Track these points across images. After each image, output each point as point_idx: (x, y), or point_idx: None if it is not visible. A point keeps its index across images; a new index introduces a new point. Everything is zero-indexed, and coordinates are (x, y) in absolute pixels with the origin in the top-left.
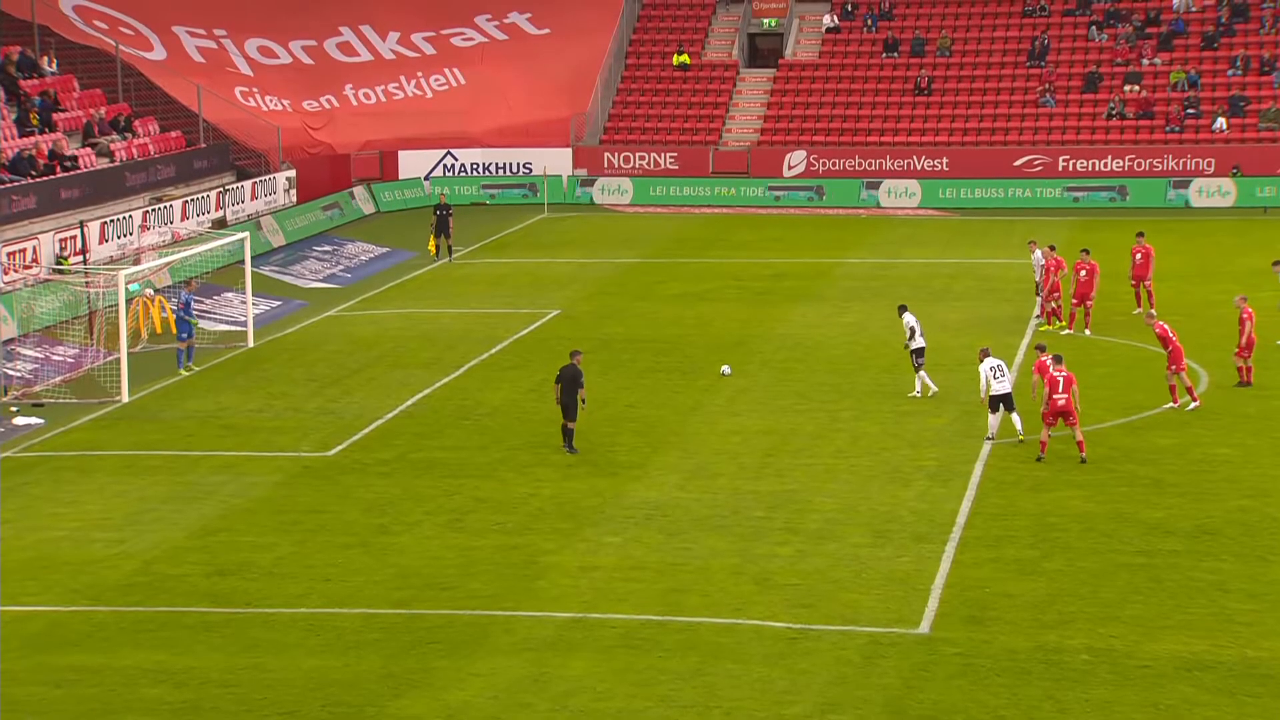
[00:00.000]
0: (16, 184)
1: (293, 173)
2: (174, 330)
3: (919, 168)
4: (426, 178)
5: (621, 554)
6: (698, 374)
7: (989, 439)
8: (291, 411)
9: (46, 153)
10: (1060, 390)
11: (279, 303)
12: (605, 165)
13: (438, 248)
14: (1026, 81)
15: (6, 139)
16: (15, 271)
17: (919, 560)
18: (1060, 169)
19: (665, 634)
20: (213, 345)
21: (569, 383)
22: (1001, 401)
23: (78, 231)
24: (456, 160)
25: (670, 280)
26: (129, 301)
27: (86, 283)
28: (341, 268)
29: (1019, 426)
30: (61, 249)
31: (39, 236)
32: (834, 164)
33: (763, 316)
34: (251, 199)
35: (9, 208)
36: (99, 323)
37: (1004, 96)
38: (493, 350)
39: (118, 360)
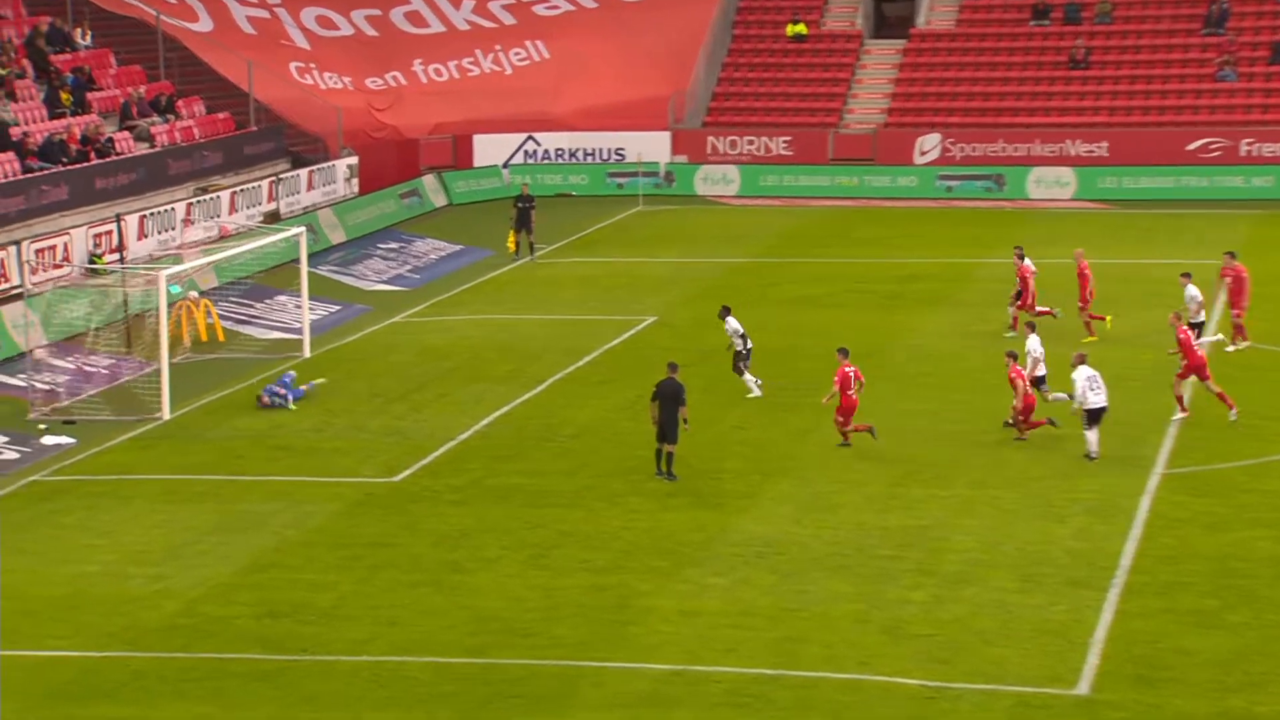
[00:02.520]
0: (46, 172)
1: (354, 160)
2: (221, 337)
3: (1073, 154)
4: (505, 165)
5: (728, 597)
6: (814, 390)
7: (1090, 456)
8: (353, 431)
9: (79, 137)
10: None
11: (338, 307)
12: (708, 151)
13: (518, 244)
14: (1202, 52)
15: (35, 121)
16: (44, 271)
17: (1076, 609)
18: (1242, 154)
19: (779, 690)
20: (264, 355)
21: (667, 400)
22: (1096, 416)
23: (114, 226)
24: (539, 145)
25: (783, 283)
26: (171, 305)
27: (123, 284)
28: (409, 268)
29: (1094, 446)
30: (95, 246)
31: (70, 232)
32: (973, 149)
33: (890, 324)
34: (308, 189)
35: (38, 199)
36: (137, 329)
37: (1175, 70)
38: (580, 362)
39: (157, 372)
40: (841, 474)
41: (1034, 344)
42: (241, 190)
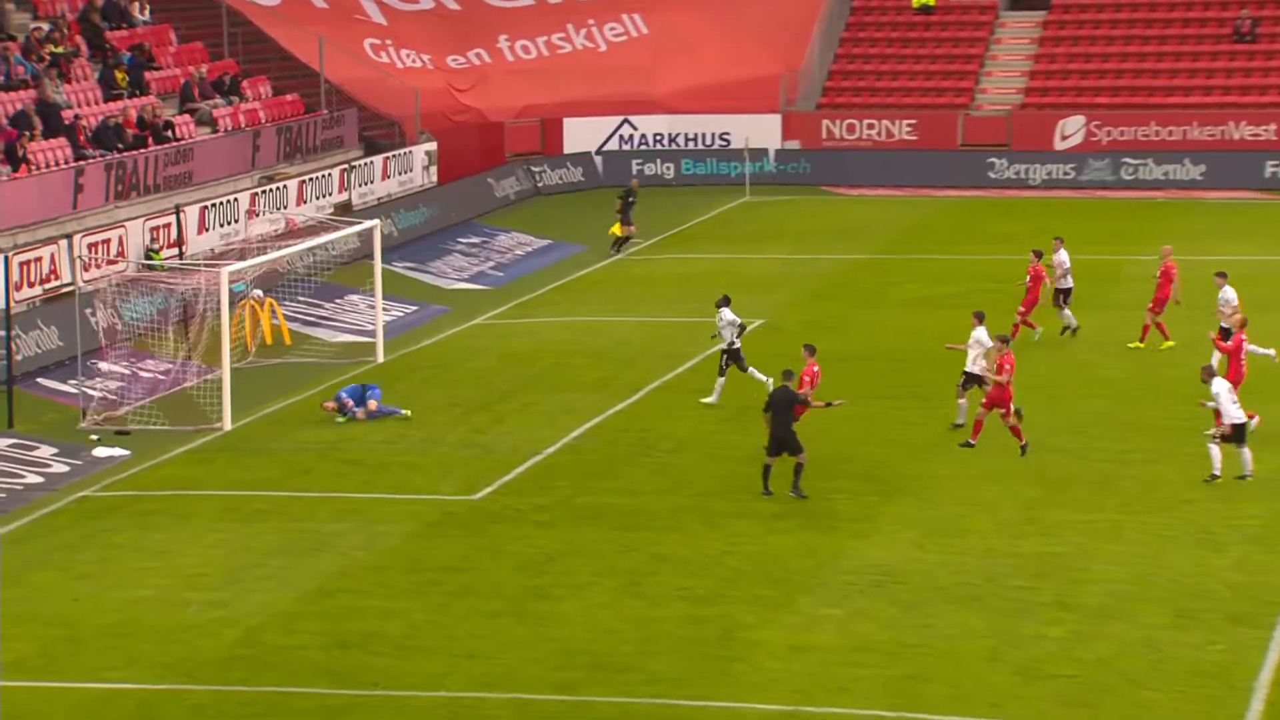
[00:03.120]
0: (99, 159)
1: (433, 145)
2: (287, 340)
3: (1237, 137)
4: (598, 152)
5: (843, 630)
6: (940, 401)
7: (1212, 479)
8: (429, 444)
9: (136, 120)
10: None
11: (414, 308)
12: (823, 135)
13: (619, 237)
14: None
15: (88, 104)
16: (97, 267)
17: (1236, 649)
18: None
19: None
20: (334, 360)
21: (781, 410)
22: (1241, 432)
23: (172, 219)
24: (636, 130)
25: (905, 281)
26: (233, 305)
27: (182, 281)
28: (492, 264)
29: (1250, 464)
30: (153, 240)
31: (125, 225)
32: (1121, 133)
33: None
34: (383, 178)
35: (91, 188)
36: (196, 331)
37: None
38: (679, 369)
39: (218, 378)
40: (970, 494)
41: (982, 334)
42: (310, 179)
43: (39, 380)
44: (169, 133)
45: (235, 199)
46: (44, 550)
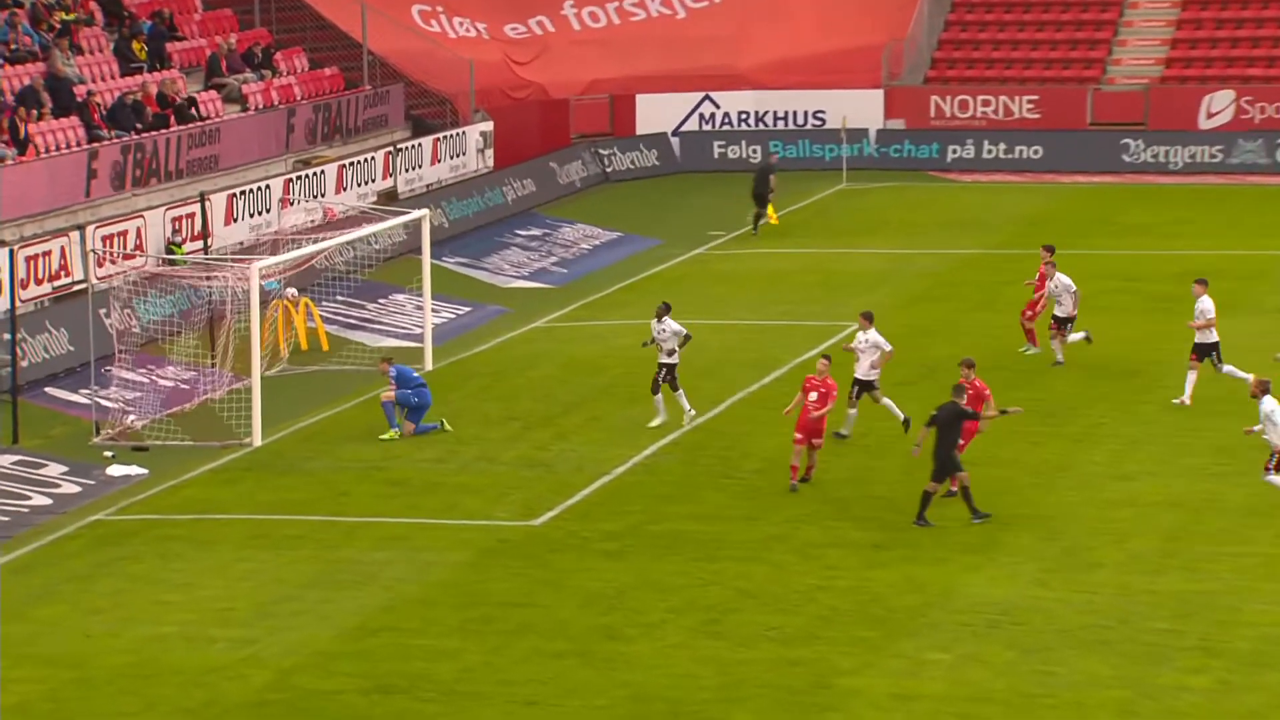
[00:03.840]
0: (115, 141)
1: (489, 125)
2: (324, 344)
3: None
4: (675, 133)
5: (954, 677)
6: (1067, 417)
7: None
8: (483, 462)
9: (156, 97)
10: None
11: (468, 309)
12: (932, 113)
13: (758, 216)
14: None
15: (103, 78)
16: (112, 263)
17: None
18: None
19: None
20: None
21: (947, 428)
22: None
23: (196, 208)
24: (718, 108)
25: (1025, 280)
26: (264, 305)
27: (207, 278)
28: (555, 260)
29: None
30: (174, 232)
31: (144, 214)
32: (1277, 110)
33: (1167, 333)
34: (432, 162)
35: (105, 174)
36: (223, 335)
37: None
38: (766, 379)
39: (247, 388)
40: (1101, 523)
41: (876, 337)
42: (351, 164)
43: (47, 389)
44: (193, 111)
45: (267, 186)
46: (52, 581)
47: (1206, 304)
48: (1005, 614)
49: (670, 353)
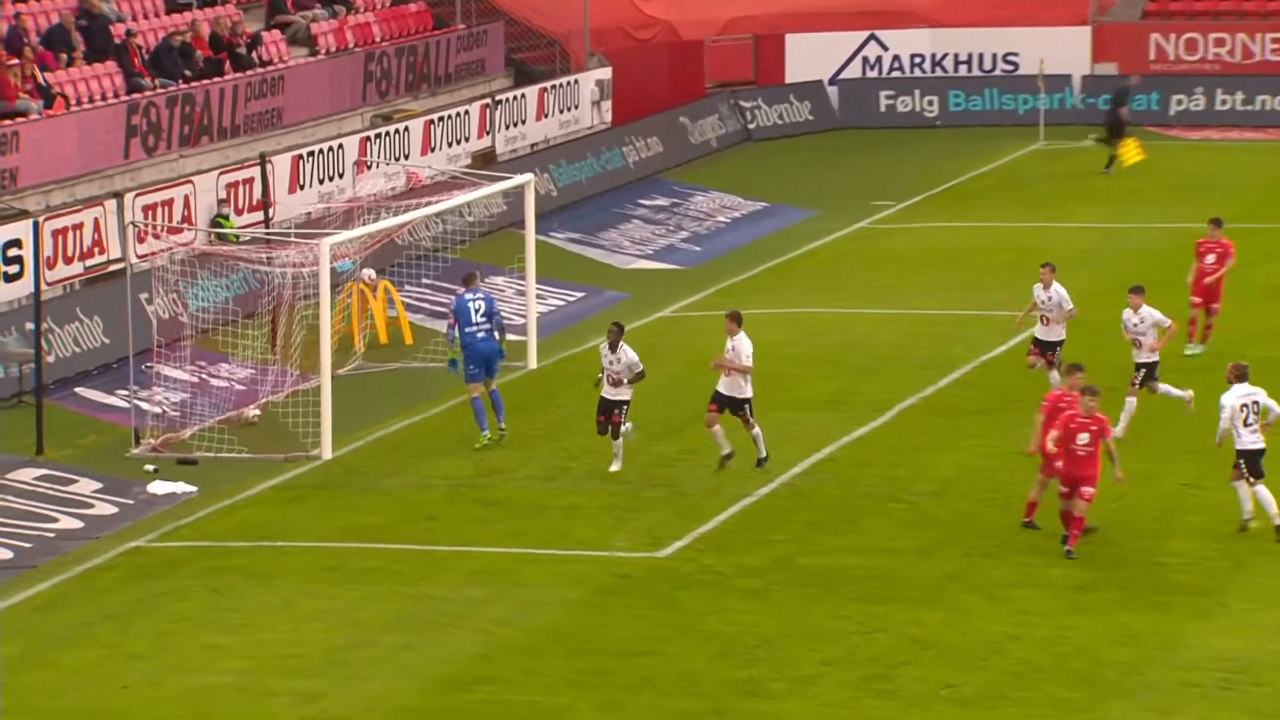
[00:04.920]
0: (160, 92)
1: (607, 73)
2: (407, 338)
3: None
4: (833, 81)
5: None
6: None
7: (1245, 524)
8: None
9: (208, 39)
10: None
11: (579, 294)
12: (1150, 56)
13: (1112, 159)
14: None
15: (146, 16)
16: (155, 238)
17: None
18: None
19: None
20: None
21: None
22: (1246, 461)
23: (254, 172)
24: (885, 50)
25: (1266, 261)
26: (336, 290)
27: (268, 258)
28: (684, 235)
29: (1274, 508)
30: (228, 202)
31: (193, 180)
32: None
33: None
34: (538, 118)
35: (147, 131)
36: (287, 325)
37: None
38: (942, 381)
39: (316, 389)
40: None
41: (742, 343)
42: (441, 119)
43: (77, 390)
44: (252, 56)
45: (340, 146)
46: (82, 620)
47: (1150, 316)
48: (1241, 672)
49: (616, 385)
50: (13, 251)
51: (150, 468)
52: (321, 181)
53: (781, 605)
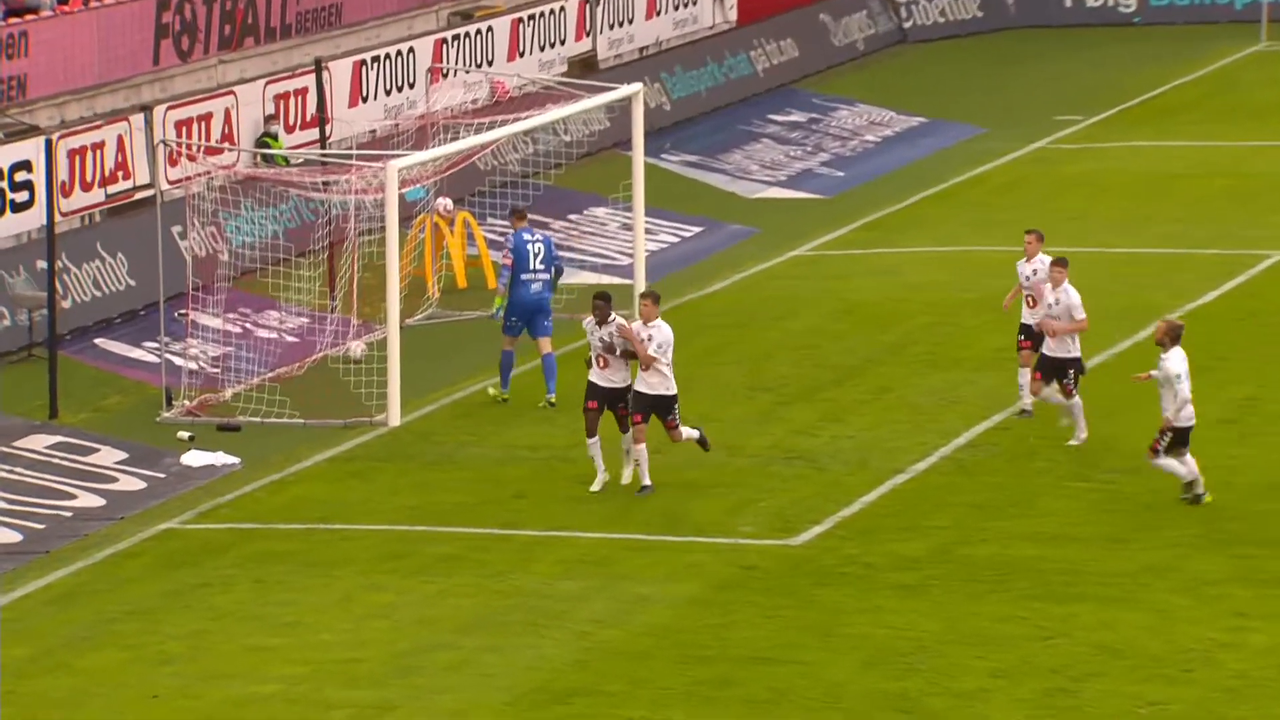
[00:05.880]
0: None
1: None
2: (490, 281)
3: None
4: None
5: None
6: None
7: (1191, 495)
8: (719, 452)
9: None
10: None
11: (697, 228)
12: None
13: None
14: None
15: None
16: (190, 160)
17: None
18: None
19: None
20: (563, 314)
21: None
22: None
23: (308, 81)
24: None
25: None
26: (406, 223)
27: (324, 184)
28: (825, 158)
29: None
30: (275, 116)
31: (235, 91)
32: None
33: None
34: (648, 16)
35: (179, 35)
36: (347, 265)
37: None
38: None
39: (382, 341)
40: None
41: (663, 330)
42: (530, 17)
43: (97, 342)
44: None
45: (410, 50)
46: (104, 616)
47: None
48: None
49: (607, 367)
50: (21, 176)
51: (184, 435)
52: (388, 93)
53: (941, 604)
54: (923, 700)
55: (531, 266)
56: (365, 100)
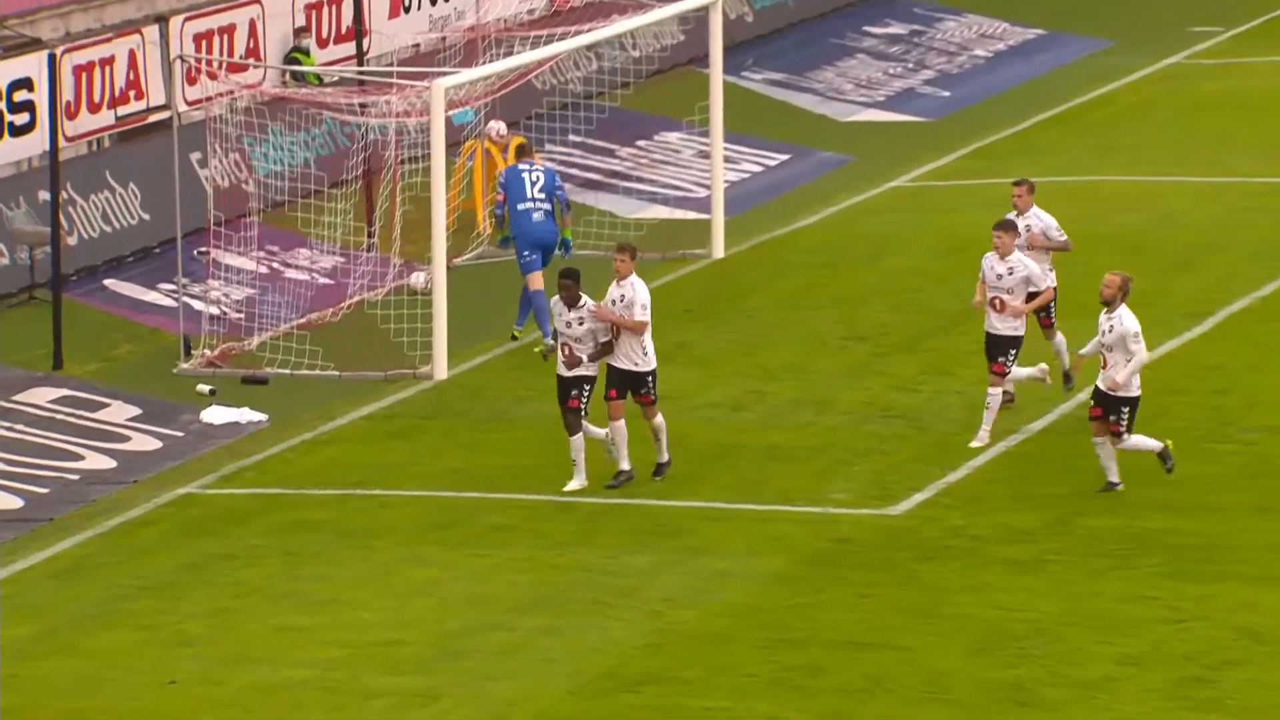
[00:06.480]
0: None
1: None
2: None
3: None
4: None
5: None
6: None
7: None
8: (808, 410)
9: None
10: None
11: (783, 156)
12: None
13: None
14: None
15: None
16: (211, 78)
17: None
18: None
19: None
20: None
21: None
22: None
23: None
24: None
25: None
26: (454, 148)
27: (361, 105)
28: (928, 75)
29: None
30: (306, 28)
31: (261, 0)
32: None
33: None
34: None
35: None
36: (386, 198)
37: None
38: None
39: (426, 285)
40: None
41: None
42: None
43: (107, 283)
44: None
45: None
46: (115, 592)
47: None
48: None
49: (573, 362)
50: (21, 95)
51: (205, 388)
52: (433, 2)
53: (1060, 582)
54: (1038, 690)
55: (529, 195)
56: (407, 10)
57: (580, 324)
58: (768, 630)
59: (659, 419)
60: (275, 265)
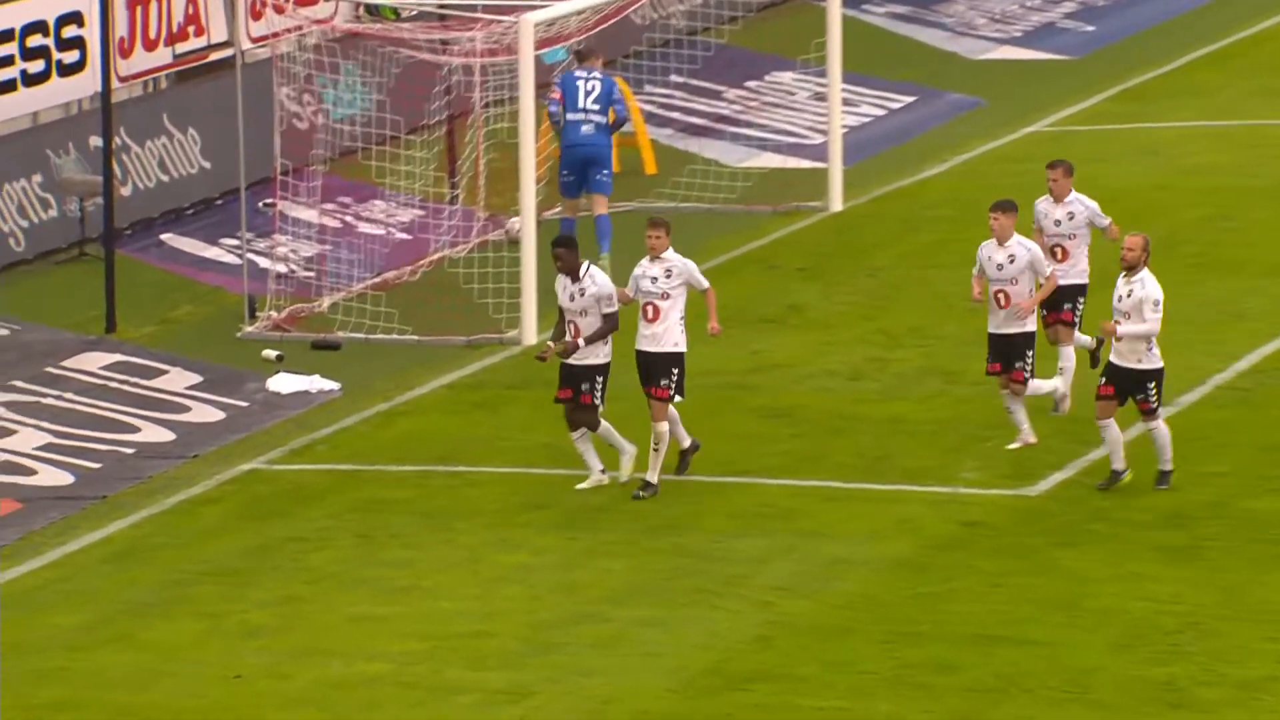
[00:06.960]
0: None
1: None
2: (648, 165)
3: None
4: None
5: None
6: None
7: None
8: (935, 379)
9: None
10: None
11: (908, 98)
12: None
13: None
14: None
15: None
16: (280, 12)
17: None
18: None
19: None
20: (738, 205)
21: None
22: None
23: None
24: None
25: None
26: (544, 91)
27: (443, 44)
28: (1070, 8)
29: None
30: None
31: None
32: None
33: None
34: None
35: None
36: (470, 145)
37: None
38: None
39: (515, 239)
40: None
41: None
42: None
43: (164, 238)
44: None
45: None
46: (174, 577)
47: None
48: None
49: (551, 347)
50: (70, 31)
51: (271, 354)
52: None
53: (1219, 571)
54: (1193, 691)
55: (582, 104)
56: None
57: (582, 295)
58: (889, 623)
59: (664, 426)
60: (348, 219)
